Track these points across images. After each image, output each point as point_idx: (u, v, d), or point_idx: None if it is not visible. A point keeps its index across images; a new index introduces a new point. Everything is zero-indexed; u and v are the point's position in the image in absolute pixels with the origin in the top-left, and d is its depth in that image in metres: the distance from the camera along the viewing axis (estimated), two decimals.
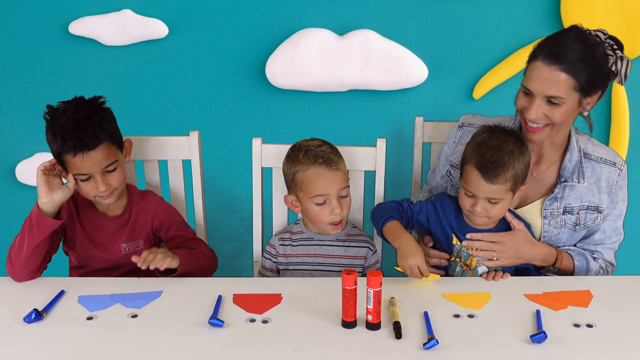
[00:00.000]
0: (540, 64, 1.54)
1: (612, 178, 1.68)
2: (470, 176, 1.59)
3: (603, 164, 1.69)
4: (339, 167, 1.68)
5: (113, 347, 1.35)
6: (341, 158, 1.71)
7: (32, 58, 2.52)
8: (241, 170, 2.55)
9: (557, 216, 1.69)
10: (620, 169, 1.69)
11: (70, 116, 1.58)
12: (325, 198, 1.67)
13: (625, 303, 1.52)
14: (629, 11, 2.34)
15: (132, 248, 1.78)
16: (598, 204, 1.68)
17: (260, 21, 2.46)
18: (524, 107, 1.60)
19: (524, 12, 2.40)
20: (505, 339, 1.37)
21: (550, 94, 1.54)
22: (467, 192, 1.61)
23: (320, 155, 1.66)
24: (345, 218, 1.74)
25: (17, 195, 2.64)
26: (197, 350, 1.33)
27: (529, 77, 1.57)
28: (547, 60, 1.53)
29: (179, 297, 1.56)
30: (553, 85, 1.53)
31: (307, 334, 1.39)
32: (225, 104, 2.56)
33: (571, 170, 1.68)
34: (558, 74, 1.52)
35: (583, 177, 1.67)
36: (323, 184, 1.66)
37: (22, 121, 2.57)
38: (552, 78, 1.53)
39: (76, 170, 1.61)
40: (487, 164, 1.55)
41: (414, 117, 2.06)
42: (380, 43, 2.40)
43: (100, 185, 1.62)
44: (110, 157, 1.64)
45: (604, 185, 1.68)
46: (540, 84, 1.54)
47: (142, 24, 2.43)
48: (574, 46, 1.53)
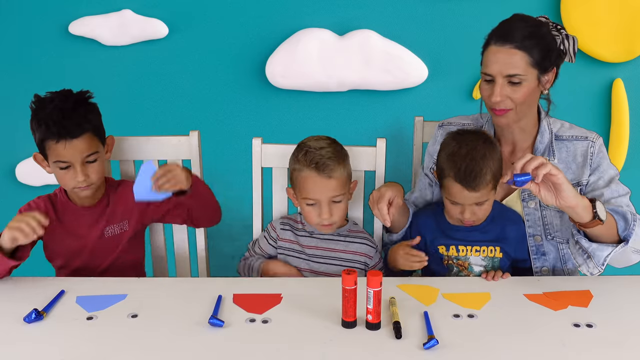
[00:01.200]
0: (493, 47, 1.60)
1: (585, 150, 1.69)
2: (452, 189, 1.61)
3: (575, 140, 1.71)
4: (333, 175, 1.65)
5: (113, 347, 1.35)
6: (341, 164, 1.68)
7: (32, 58, 2.52)
8: (241, 170, 2.55)
9: (535, 197, 1.70)
10: (592, 141, 1.70)
11: (57, 105, 1.63)
12: (315, 201, 1.67)
13: (625, 303, 1.52)
14: (629, 11, 2.34)
15: (116, 231, 1.79)
16: (578, 180, 1.69)
17: (260, 21, 2.46)
18: (488, 94, 1.63)
19: (525, 12, 2.39)
20: (505, 339, 1.36)
21: (509, 73, 1.58)
22: (452, 201, 1.64)
23: (317, 159, 1.65)
24: (337, 223, 1.73)
25: (17, 195, 2.64)
26: (197, 350, 1.33)
27: (486, 62, 1.62)
28: (499, 42, 1.59)
29: (179, 297, 1.56)
30: (510, 64, 1.58)
31: (307, 334, 1.39)
32: (225, 104, 2.56)
33: (542, 151, 1.71)
34: (512, 51, 1.58)
35: (554, 155, 1.70)
36: (313, 189, 1.66)
37: (22, 121, 2.54)
38: (507, 57, 1.58)
39: (57, 157, 1.64)
40: (465, 175, 1.57)
41: (414, 117, 2.06)
42: (380, 43, 2.40)
43: (79, 175, 1.65)
44: (91, 147, 1.67)
45: (580, 160, 1.69)
46: (497, 65, 1.59)
47: (142, 24, 2.43)
48: (520, 24, 1.60)
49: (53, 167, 1.68)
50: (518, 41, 1.58)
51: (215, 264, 2.24)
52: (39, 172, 2.56)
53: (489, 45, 1.62)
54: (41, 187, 2.60)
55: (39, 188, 2.61)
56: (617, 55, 2.39)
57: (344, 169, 1.69)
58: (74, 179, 1.66)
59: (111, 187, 1.82)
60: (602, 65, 2.43)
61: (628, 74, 2.45)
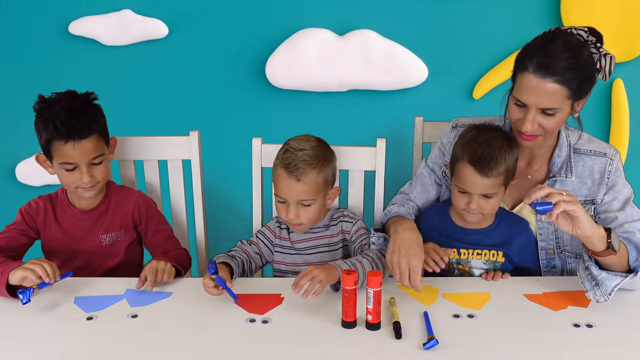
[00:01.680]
0: (531, 76, 1.51)
1: (603, 168, 1.66)
2: (464, 173, 1.60)
3: (594, 156, 1.68)
4: (302, 179, 1.63)
5: (113, 347, 1.35)
6: (315, 169, 1.64)
7: (32, 58, 2.52)
8: (241, 170, 2.55)
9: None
10: (611, 158, 1.67)
11: (65, 105, 1.62)
12: (284, 200, 1.68)
13: (625, 303, 1.52)
14: (629, 11, 2.34)
15: (113, 239, 1.79)
16: (593, 197, 1.67)
17: (260, 21, 2.46)
18: (518, 118, 1.59)
19: (524, 12, 2.40)
20: (505, 339, 1.36)
21: (544, 107, 1.53)
22: (461, 189, 1.63)
23: (290, 160, 1.64)
24: (306, 225, 1.70)
25: (17, 195, 2.64)
26: (197, 350, 1.33)
27: (521, 89, 1.54)
28: (538, 72, 1.50)
29: (179, 298, 1.56)
30: (547, 98, 1.51)
31: (307, 334, 1.39)
32: (225, 104, 2.56)
33: (560, 165, 1.69)
34: (551, 85, 1.50)
35: (571, 172, 1.67)
36: (282, 188, 1.66)
37: (22, 121, 2.56)
38: (545, 90, 1.50)
39: (63, 158, 1.64)
40: (480, 158, 1.57)
41: (414, 117, 2.06)
42: (380, 43, 2.40)
43: (85, 176, 1.65)
44: (98, 149, 1.67)
45: (597, 177, 1.67)
46: (533, 97, 1.52)
47: (142, 24, 2.43)
48: (562, 55, 1.50)
49: (58, 168, 1.67)
50: (559, 74, 1.48)
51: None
52: (39, 172, 2.58)
53: (526, 69, 1.52)
54: (41, 187, 2.60)
55: (39, 188, 2.61)
56: (617, 55, 2.37)
57: (317, 174, 1.65)
58: (79, 180, 1.66)
59: (112, 192, 1.81)
60: None
61: (628, 74, 2.45)
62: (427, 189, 1.82)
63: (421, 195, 1.82)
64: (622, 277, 1.48)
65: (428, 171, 1.82)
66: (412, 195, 1.82)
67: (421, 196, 1.82)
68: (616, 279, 1.47)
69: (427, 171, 1.82)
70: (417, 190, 1.83)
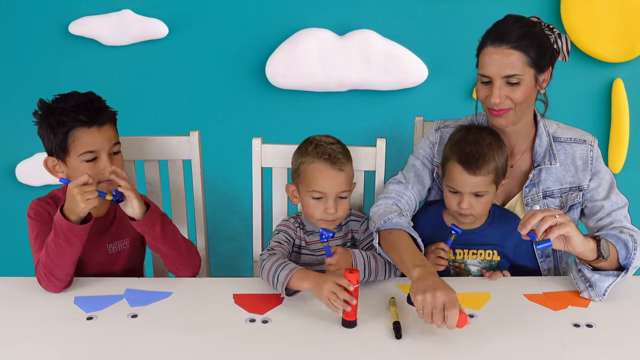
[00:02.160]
0: (489, 48, 1.61)
1: (585, 155, 1.71)
2: (454, 172, 1.62)
3: (574, 143, 1.72)
4: (344, 169, 1.66)
5: (113, 347, 1.35)
6: (349, 160, 1.70)
7: (32, 58, 2.52)
8: (241, 170, 2.55)
9: (538, 201, 1.71)
10: (591, 144, 1.72)
11: (80, 96, 1.63)
12: (322, 195, 1.66)
13: (625, 303, 1.52)
14: (629, 11, 2.34)
15: (119, 247, 1.77)
16: (579, 184, 1.70)
17: (260, 21, 2.46)
18: (486, 95, 1.64)
19: (524, 12, 2.37)
20: (505, 339, 1.37)
21: (507, 74, 1.59)
22: (452, 189, 1.64)
23: (329, 152, 1.65)
24: (339, 219, 1.72)
25: (17, 195, 2.64)
26: (197, 350, 1.33)
27: (483, 64, 1.63)
28: (495, 43, 1.59)
29: (179, 298, 1.56)
30: (507, 64, 1.58)
31: (307, 334, 1.39)
32: (225, 104, 2.56)
33: (542, 154, 1.71)
34: (509, 52, 1.58)
35: (555, 158, 1.70)
36: (323, 181, 1.65)
37: (22, 121, 2.55)
38: (504, 58, 1.58)
39: (86, 147, 1.60)
40: (469, 157, 1.59)
41: (414, 117, 2.06)
42: (380, 43, 2.40)
43: (107, 165, 1.61)
44: (116, 137, 1.67)
45: (579, 164, 1.70)
46: (495, 67, 1.59)
47: (142, 24, 2.43)
48: (514, 24, 1.61)
49: (77, 163, 1.61)
50: (514, 41, 1.58)
51: (215, 263, 2.24)
52: (39, 172, 2.58)
53: (484, 46, 1.63)
54: (41, 187, 2.60)
55: (39, 188, 2.61)
56: (617, 55, 2.39)
57: (351, 167, 1.70)
58: (103, 170, 1.60)
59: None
60: (602, 65, 2.43)
61: (628, 74, 2.45)
62: (421, 178, 1.79)
63: (416, 185, 1.77)
64: (614, 276, 1.52)
65: (420, 163, 1.80)
66: (405, 181, 1.78)
67: (416, 187, 1.77)
68: (608, 280, 1.51)
69: (420, 163, 1.81)
70: (411, 176, 1.79)
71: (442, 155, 1.70)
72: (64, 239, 1.53)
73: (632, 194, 1.80)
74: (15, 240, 2.63)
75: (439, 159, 1.78)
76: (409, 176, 1.79)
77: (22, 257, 1.64)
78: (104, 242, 1.74)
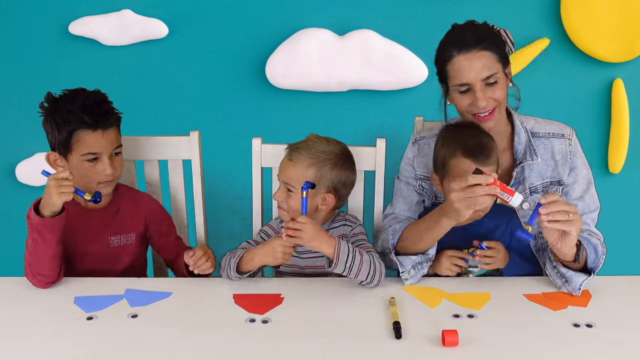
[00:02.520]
0: (459, 57, 1.59)
1: (564, 149, 1.71)
2: (460, 167, 1.58)
3: (552, 137, 1.72)
4: (294, 159, 1.66)
5: (113, 347, 1.35)
6: (314, 161, 1.65)
7: (32, 58, 2.52)
8: (241, 170, 2.55)
9: (527, 198, 1.71)
10: (569, 138, 1.72)
11: (88, 96, 1.64)
12: (280, 181, 1.70)
13: (625, 303, 1.52)
14: (629, 11, 2.34)
15: (123, 241, 1.78)
16: (559, 178, 1.71)
17: (260, 21, 2.46)
18: (468, 103, 1.63)
19: (524, 12, 2.40)
20: (505, 339, 1.37)
21: (485, 75, 1.59)
22: None
23: (299, 144, 1.68)
24: (288, 212, 1.68)
25: (17, 195, 2.64)
26: (196, 350, 1.33)
27: (457, 74, 1.60)
28: (462, 50, 1.59)
29: (179, 298, 1.56)
30: (484, 66, 1.59)
31: (307, 334, 1.39)
32: (225, 104, 2.56)
33: (522, 151, 1.72)
34: (480, 54, 1.58)
35: (535, 154, 1.71)
36: (280, 166, 1.71)
37: (22, 121, 2.57)
38: (477, 61, 1.58)
39: (88, 148, 1.62)
40: (474, 148, 1.57)
41: (414, 117, 2.06)
42: (380, 43, 2.40)
43: (107, 167, 1.64)
44: (118, 139, 1.69)
45: (559, 158, 1.71)
46: (472, 72, 1.59)
47: (142, 24, 2.43)
48: (470, 29, 1.63)
49: (78, 162, 1.63)
50: (480, 42, 1.59)
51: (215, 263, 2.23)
52: (39, 172, 2.57)
53: (451, 58, 1.61)
54: (41, 187, 2.60)
55: (39, 188, 2.61)
56: (617, 55, 2.39)
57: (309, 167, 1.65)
58: (102, 173, 1.64)
59: (123, 194, 1.79)
60: (602, 65, 2.43)
61: (628, 74, 2.45)
62: (409, 199, 1.80)
63: (405, 206, 1.79)
64: (586, 275, 1.55)
65: (404, 184, 1.81)
66: (397, 211, 1.80)
67: (405, 207, 1.79)
68: (581, 277, 1.54)
69: (404, 185, 1.81)
70: (399, 204, 1.80)
71: (437, 159, 1.66)
72: (37, 233, 1.55)
73: (632, 194, 1.80)
74: (15, 240, 2.61)
75: (420, 171, 1.77)
76: (397, 205, 1.80)
77: (22, 257, 1.64)
78: (105, 234, 1.75)
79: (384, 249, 1.71)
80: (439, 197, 1.77)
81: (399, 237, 1.67)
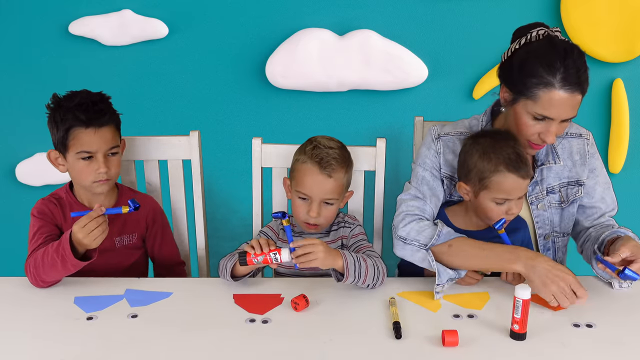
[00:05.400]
0: (560, 92, 1.50)
1: (582, 149, 1.72)
2: (506, 183, 1.54)
3: (570, 138, 1.73)
4: (333, 175, 1.63)
5: (113, 347, 1.35)
6: (343, 168, 1.66)
7: (32, 58, 2.52)
8: (241, 170, 2.55)
9: (543, 199, 1.71)
10: (586, 138, 1.74)
11: (86, 96, 1.67)
12: (307, 197, 1.65)
13: (625, 303, 1.52)
14: (629, 11, 2.34)
15: (126, 241, 1.80)
16: (577, 178, 1.71)
17: (260, 21, 2.46)
18: (538, 132, 1.56)
19: (524, 12, 2.39)
20: (505, 339, 1.37)
21: (569, 117, 1.55)
22: (499, 200, 1.56)
23: (323, 156, 1.63)
24: (322, 225, 1.69)
25: (17, 195, 2.64)
26: (196, 350, 1.33)
27: (547, 105, 1.51)
28: (567, 88, 1.50)
29: (179, 298, 1.56)
30: (573, 108, 1.53)
31: (307, 334, 1.39)
32: (225, 104, 2.56)
33: (544, 152, 1.71)
34: (576, 97, 1.52)
35: (558, 156, 1.71)
36: (310, 184, 1.64)
37: (22, 121, 2.57)
38: (573, 103, 1.52)
39: (82, 146, 1.64)
40: (517, 163, 1.53)
41: (414, 117, 2.06)
42: (380, 43, 2.40)
43: (101, 166, 1.65)
44: (115, 139, 1.70)
45: (577, 158, 1.72)
46: (562, 111, 1.52)
47: (142, 24, 2.43)
48: (582, 67, 1.53)
49: (74, 160, 1.66)
50: (581, 85, 1.52)
51: (215, 263, 2.23)
52: (39, 172, 2.58)
53: (551, 86, 1.49)
54: (41, 187, 2.60)
55: (39, 188, 2.61)
56: (617, 55, 2.39)
57: (344, 175, 1.67)
58: (96, 171, 1.66)
59: (125, 194, 1.80)
60: (602, 65, 2.43)
61: (628, 74, 2.45)
62: (435, 191, 1.71)
63: (433, 199, 1.70)
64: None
65: (429, 174, 1.71)
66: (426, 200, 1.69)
67: (433, 200, 1.70)
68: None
69: (429, 174, 1.71)
70: (426, 192, 1.70)
71: (469, 169, 1.58)
72: (61, 260, 1.55)
73: (632, 194, 1.80)
74: (15, 240, 2.62)
75: (445, 169, 1.71)
76: (423, 190, 1.69)
77: (23, 257, 1.63)
78: (111, 234, 1.74)
79: (412, 239, 1.61)
80: (453, 195, 1.73)
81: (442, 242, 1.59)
